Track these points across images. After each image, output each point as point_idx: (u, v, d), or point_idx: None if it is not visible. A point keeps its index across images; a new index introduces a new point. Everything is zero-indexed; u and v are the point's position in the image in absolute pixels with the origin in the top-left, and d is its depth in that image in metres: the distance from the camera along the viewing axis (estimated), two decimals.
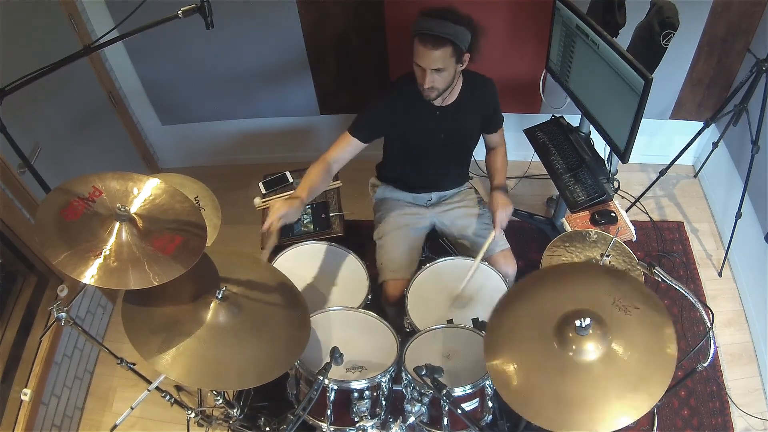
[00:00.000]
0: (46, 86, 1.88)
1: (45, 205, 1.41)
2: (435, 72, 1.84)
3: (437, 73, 1.85)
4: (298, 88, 3.02)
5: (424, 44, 1.80)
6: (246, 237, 2.74)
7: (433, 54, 1.80)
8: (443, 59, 1.81)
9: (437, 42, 1.78)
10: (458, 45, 1.81)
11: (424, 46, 1.79)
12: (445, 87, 1.91)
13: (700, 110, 2.99)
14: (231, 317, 1.57)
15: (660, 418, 2.37)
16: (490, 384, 1.73)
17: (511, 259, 2.20)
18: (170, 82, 3.00)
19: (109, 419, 2.49)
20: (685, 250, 2.96)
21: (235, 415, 1.99)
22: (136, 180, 1.55)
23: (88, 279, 1.32)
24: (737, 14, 2.57)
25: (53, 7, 2.47)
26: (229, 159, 3.45)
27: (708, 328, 1.42)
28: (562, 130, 2.59)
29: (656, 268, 1.56)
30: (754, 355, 2.59)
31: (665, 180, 3.06)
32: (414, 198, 2.33)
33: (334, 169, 2.07)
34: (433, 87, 1.88)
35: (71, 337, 2.51)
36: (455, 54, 1.83)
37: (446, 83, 1.90)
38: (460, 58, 1.86)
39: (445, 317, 1.96)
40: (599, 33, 2.00)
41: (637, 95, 1.88)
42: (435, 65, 1.82)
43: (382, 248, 2.23)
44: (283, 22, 2.72)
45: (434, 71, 1.84)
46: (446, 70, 1.85)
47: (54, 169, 2.36)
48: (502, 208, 2.09)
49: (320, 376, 1.56)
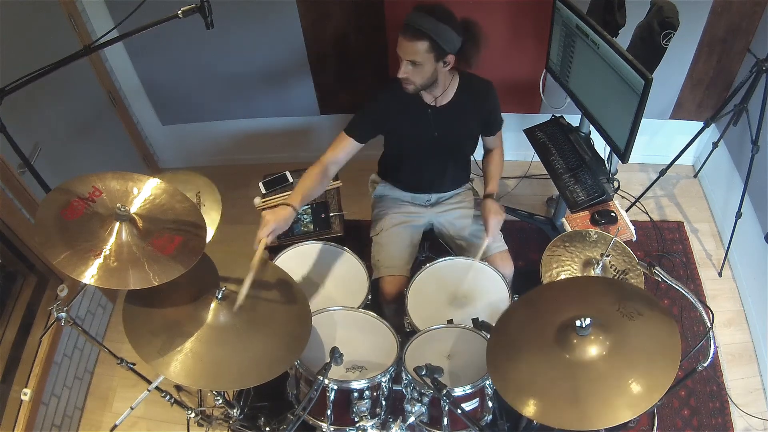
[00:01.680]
0: (46, 86, 1.88)
1: (45, 205, 1.41)
2: (410, 63, 1.86)
3: (412, 66, 1.86)
4: (298, 88, 3.02)
5: (404, 35, 1.82)
6: (246, 237, 2.70)
7: (408, 45, 1.81)
8: (419, 53, 1.82)
9: (414, 34, 1.80)
10: (437, 42, 1.81)
11: (404, 36, 1.82)
12: (423, 82, 1.91)
13: (700, 110, 2.99)
14: (231, 317, 1.57)
15: (660, 418, 2.37)
16: (490, 384, 1.73)
17: (508, 260, 2.20)
18: (170, 82, 3.00)
19: (109, 419, 2.49)
20: (685, 250, 2.96)
21: (235, 415, 1.99)
22: (136, 180, 1.55)
23: (88, 279, 1.32)
24: (737, 14, 2.57)
25: (53, 7, 2.47)
26: (229, 159, 3.45)
27: (708, 328, 1.42)
28: (562, 130, 2.59)
29: (656, 268, 1.56)
30: (754, 355, 2.59)
31: (665, 180, 3.06)
32: (413, 198, 2.33)
33: (332, 171, 2.07)
34: (408, 79, 1.89)
35: (71, 337, 2.51)
36: (433, 51, 1.83)
37: (423, 79, 1.90)
38: (440, 57, 1.86)
39: (445, 317, 1.96)
40: (599, 33, 2.00)
41: (637, 95, 1.88)
42: (409, 56, 1.84)
43: (378, 245, 2.23)
44: (283, 22, 2.72)
45: (409, 63, 1.85)
46: (423, 65, 1.85)
47: (54, 169, 2.36)
48: (494, 216, 2.09)
49: (320, 376, 1.56)
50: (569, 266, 1.93)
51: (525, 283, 2.25)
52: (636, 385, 1.32)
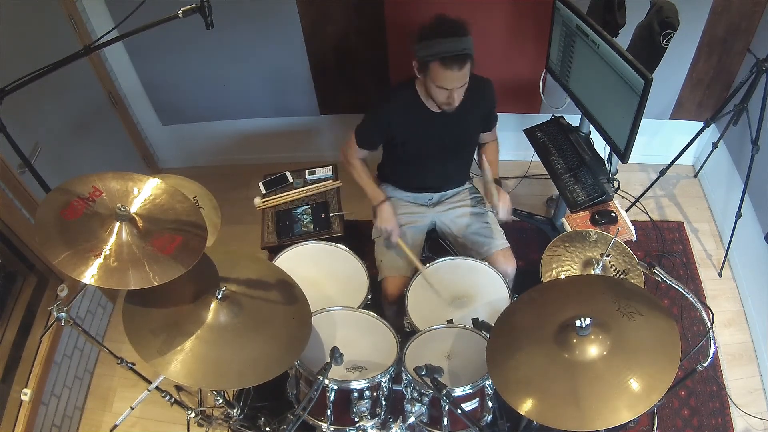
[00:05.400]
0: (46, 86, 1.88)
1: (45, 205, 1.41)
2: (462, 88, 1.86)
3: (462, 89, 1.87)
4: (298, 88, 3.02)
5: (448, 67, 1.78)
6: (246, 237, 2.74)
7: (459, 75, 1.81)
8: (467, 76, 1.84)
9: (461, 61, 1.78)
10: (473, 56, 1.82)
11: (449, 68, 1.78)
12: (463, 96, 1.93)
13: (700, 110, 2.99)
14: (231, 317, 1.57)
15: (660, 418, 2.37)
16: (490, 384, 1.73)
17: (510, 258, 2.20)
18: (170, 82, 3.00)
19: (109, 419, 2.49)
20: (685, 250, 2.96)
21: (235, 415, 1.99)
22: (136, 180, 1.55)
23: (88, 279, 1.32)
24: (737, 14, 2.57)
25: (53, 7, 2.47)
26: (229, 159, 3.45)
27: (708, 328, 1.42)
28: (562, 130, 2.59)
29: (656, 268, 1.56)
30: (754, 355, 2.59)
31: (665, 180, 3.06)
32: (414, 198, 2.33)
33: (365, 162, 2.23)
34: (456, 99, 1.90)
35: (71, 337, 2.51)
36: (472, 65, 1.85)
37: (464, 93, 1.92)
38: (472, 67, 1.87)
39: (445, 317, 1.96)
40: (599, 33, 2.00)
41: (637, 95, 1.88)
42: (461, 83, 1.84)
43: (381, 246, 2.23)
44: (283, 22, 2.72)
45: (460, 88, 1.86)
46: (467, 83, 1.88)
47: (54, 169, 2.36)
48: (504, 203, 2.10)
49: (320, 376, 1.56)
50: (569, 266, 1.94)
51: (525, 283, 2.25)
52: (636, 383, 1.32)
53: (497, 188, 2.10)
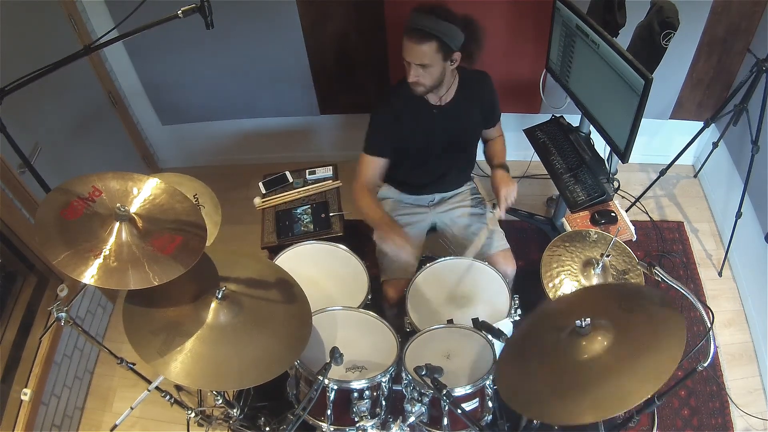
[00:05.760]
0: (46, 86, 1.87)
1: (45, 205, 1.41)
2: (420, 67, 1.85)
3: (423, 68, 1.85)
4: (298, 88, 3.02)
5: (410, 38, 1.81)
6: (246, 237, 2.74)
7: (418, 48, 1.81)
8: (428, 55, 1.82)
9: (423, 37, 1.79)
10: (445, 42, 1.81)
11: (410, 40, 1.81)
12: (432, 83, 1.91)
13: (700, 110, 2.99)
14: (231, 317, 1.57)
15: (660, 418, 2.37)
16: (490, 384, 1.73)
17: (510, 258, 2.20)
18: (170, 82, 3.00)
19: (109, 419, 2.49)
20: (685, 250, 2.96)
21: (235, 415, 1.99)
22: (136, 180, 1.55)
23: (88, 279, 1.32)
24: (737, 14, 2.57)
25: (53, 7, 2.47)
26: (229, 159, 3.45)
27: (708, 328, 1.42)
28: (562, 130, 2.59)
29: (656, 268, 1.56)
30: (754, 355, 2.59)
31: (665, 180, 3.06)
32: (416, 199, 2.33)
33: (376, 190, 2.18)
34: (418, 82, 1.89)
35: (71, 337, 2.51)
36: (441, 50, 1.83)
37: (433, 80, 1.90)
38: (448, 56, 1.86)
39: (445, 317, 1.96)
40: (599, 33, 2.00)
41: (637, 95, 1.88)
42: (418, 60, 1.83)
43: (382, 248, 2.22)
44: (283, 22, 2.72)
45: (419, 66, 1.85)
46: (432, 66, 1.85)
47: (54, 169, 2.36)
48: (505, 186, 2.08)
49: (320, 376, 1.56)
50: (569, 266, 1.94)
51: (525, 283, 2.26)
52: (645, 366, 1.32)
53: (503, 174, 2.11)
